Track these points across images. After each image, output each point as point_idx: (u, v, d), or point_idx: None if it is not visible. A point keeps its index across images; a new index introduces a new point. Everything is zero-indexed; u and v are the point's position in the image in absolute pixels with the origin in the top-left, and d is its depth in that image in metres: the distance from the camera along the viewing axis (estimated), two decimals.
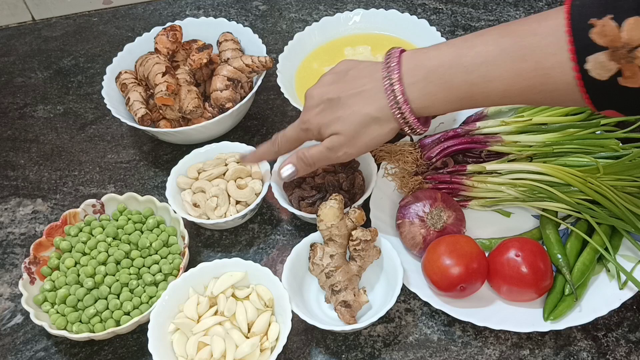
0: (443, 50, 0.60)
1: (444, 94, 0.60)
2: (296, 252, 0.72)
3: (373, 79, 0.63)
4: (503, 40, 0.56)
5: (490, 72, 0.57)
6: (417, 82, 0.60)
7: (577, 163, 0.75)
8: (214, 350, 0.65)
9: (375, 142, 0.65)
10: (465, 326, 0.70)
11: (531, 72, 0.55)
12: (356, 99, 0.64)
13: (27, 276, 0.75)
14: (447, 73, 0.59)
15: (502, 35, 0.57)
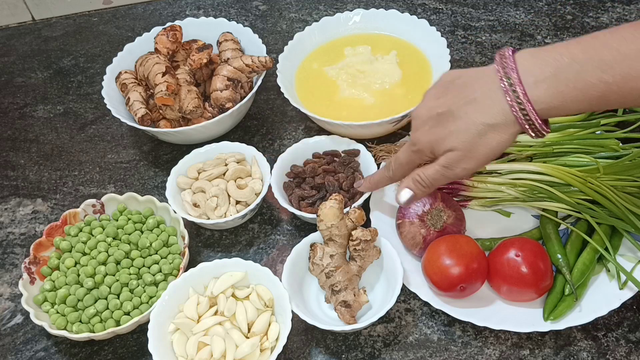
0: (572, 48, 0.55)
1: (575, 94, 0.54)
2: (296, 252, 0.72)
3: (485, 83, 0.58)
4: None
5: (632, 70, 0.52)
6: (544, 81, 0.55)
7: (577, 163, 0.75)
8: (214, 350, 0.65)
9: (495, 153, 0.59)
10: (465, 326, 0.70)
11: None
12: (469, 107, 0.58)
13: (27, 276, 0.75)
14: (582, 71, 0.53)
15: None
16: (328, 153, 0.84)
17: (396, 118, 0.81)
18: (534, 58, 0.56)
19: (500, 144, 0.58)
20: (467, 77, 0.60)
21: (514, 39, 1.02)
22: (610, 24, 1.02)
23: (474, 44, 1.03)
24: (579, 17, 1.04)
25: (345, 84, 0.90)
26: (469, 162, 0.60)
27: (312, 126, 0.93)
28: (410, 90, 0.88)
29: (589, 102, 0.55)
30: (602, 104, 0.56)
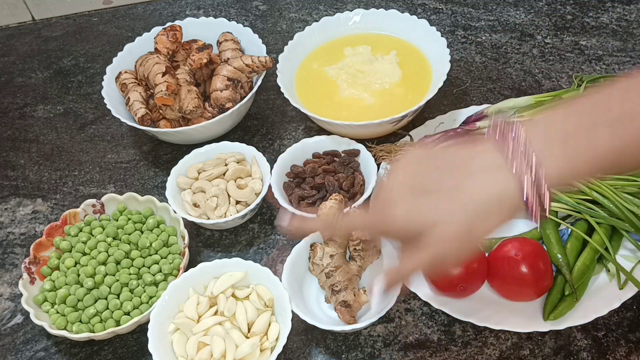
0: (574, 109, 0.50)
1: (587, 158, 0.49)
2: (296, 252, 0.72)
3: (483, 156, 0.51)
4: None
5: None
6: (553, 149, 0.49)
7: None
8: (214, 350, 0.65)
9: (491, 233, 0.52)
10: (465, 326, 0.70)
11: None
12: (467, 182, 0.51)
13: (27, 276, 0.75)
14: (592, 131, 0.48)
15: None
16: (328, 153, 0.84)
17: (396, 118, 0.81)
18: (540, 124, 0.51)
19: (498, 224, 0.51)
20: (457, 150, 0.53)
21: (514, 38, 1.02)
22: (610, 24, 1.02)
23: (474, 44, 1.03)
24: (579, 17, 1.04)
25: (345, 84, 0.90)
26: (464, 244, 0.52)
27: (312, 126, 0.93)
28: (410, 90, 0.88)
29: (601, 166, 0.50)
30: (614, 168, 0.51)
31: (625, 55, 0.97)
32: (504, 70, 0.98)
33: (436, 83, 0.84)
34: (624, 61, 0.96)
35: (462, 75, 0.98)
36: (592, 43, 1.00)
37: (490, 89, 0.95)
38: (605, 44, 0.99)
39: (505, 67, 0.98)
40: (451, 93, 0.95)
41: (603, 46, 0.99)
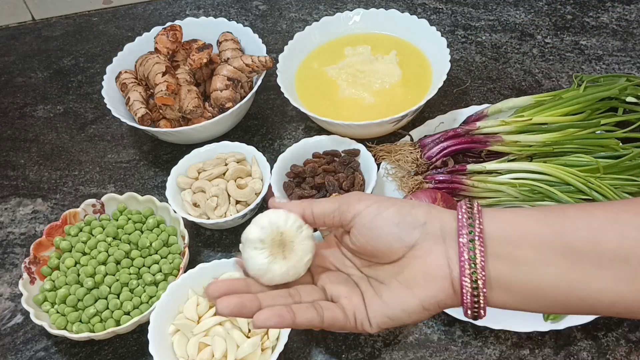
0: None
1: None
2: None
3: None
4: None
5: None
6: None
7: (577, 163, 0.75)
8: (215, 350, 0.65)
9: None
10: (465, 326, 0.70)
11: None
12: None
13: (27, 276, 0.75)
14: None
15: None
16: (328, 153, 0.84)
17: (396, 118, 0.81)
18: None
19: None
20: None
21: (514, 38, 1.02)
22: (610, 24, 1.02)
23: (474, 43, 1.03)
24: (579, 17, 1.04)
25: (345, 83, 0.90)
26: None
27: (312, 126, 0.93)
28: (410, 90, 0.88)
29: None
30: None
31: (625, 55, 0.97)
32: (504, 70, 0.98)
33: (436, 83, 0.84)
34: (624, 61, 0.96)
35: (462, 75, 0.98)
36: (592, 43, 1.00)
37: (490, 89, 0.95)
38: (605, 43, 0.99)
39: (505, 67, 0.98)
40: (451, 93, 0.95)
41: (603, 46, 0.99)
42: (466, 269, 0.45)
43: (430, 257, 0.46)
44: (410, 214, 0.47)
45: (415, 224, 0.46)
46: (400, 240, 0.46)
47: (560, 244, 0.43)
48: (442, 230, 0.46)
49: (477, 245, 0.44)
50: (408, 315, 0.47)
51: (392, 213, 0.47)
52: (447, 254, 0.46)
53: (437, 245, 0.46)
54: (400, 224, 0.46)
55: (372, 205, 0.48)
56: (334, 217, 0.49)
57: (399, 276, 0.47)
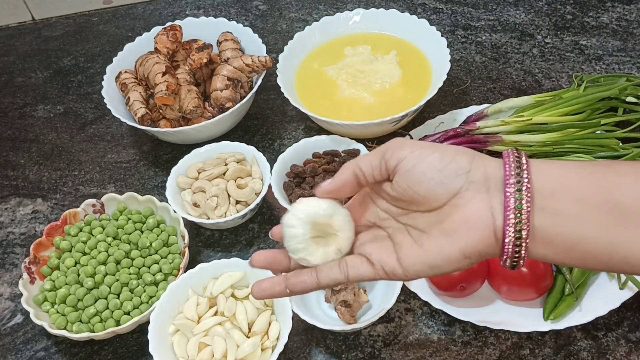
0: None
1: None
2: None
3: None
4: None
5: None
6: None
7: None
8: (215, 350, 0.65)
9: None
10: (465, 326, 0.70)
11: None
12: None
13: (27, 276, 0.75)
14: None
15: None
16: (328, 153, 0.84)
17: (396, 118, 0.81)
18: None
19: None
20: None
21: (514, 38, 1.02)
22: (610, 24, 1.02)
23: (474, 43, 1.03)
24: (579, 17, 1.04)
25: (345, 83, 0.90)
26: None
27: (312, 126, 0.93)
28: (410, 90, 0.88)
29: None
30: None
31: (625, 55, 0.97)
32: (504, 70, 0.98)
33: (436, 83, 0.84)
34: (624, 61, 0.96)
35: (462, 75, 0.98)
36: (592, 43, 1.00)
37: (490, 89, 0.95)
38: (605, 43, 0.99)
39: (505, 67, 0.98)
40: (451, 93, 0.95)
41: (603, 46, 0.99)
42: (511, 219, 0.44)
43: (473, 205, 0.45)
44: (454, 160, 0.46)
45: (459, 171, 0.46)
46: (442, 186, 0.46)
47: (606, 200, 0.43)
48: (486, 178, 0.46)
49: (525, 196, 0.44)
50: (449, 263, 0.47)
51: (435, 159, 0.46)
52: (490, 202, 0.45)
53: (480, 194, 0.45)
54: (443, 171, 0.46)
55: (415, 150, 0.47)
56: (381, 167, 0.48)
57: (440, 224, 0.47)
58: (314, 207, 0.49)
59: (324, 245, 0.49)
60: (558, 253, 0.45)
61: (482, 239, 0.45)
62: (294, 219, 0.49)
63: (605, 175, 0.44)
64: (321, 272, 0.49)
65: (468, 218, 0.45)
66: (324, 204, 0.49)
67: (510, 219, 0.44)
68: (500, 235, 0.45)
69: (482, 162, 0.46)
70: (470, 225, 0.45)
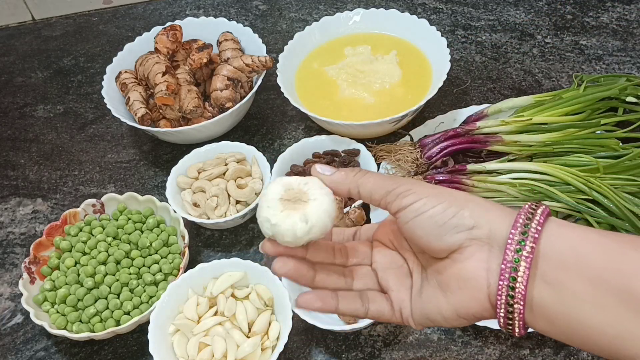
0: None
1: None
2: None
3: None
4: None
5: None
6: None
7: (578, 163, 0.75)
8: (215, 350, 0.65)
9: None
10: (465, 326, 0.70)
11: None
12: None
13: (27, 276, 0.75)
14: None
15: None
16: (328, 153, 0.84)
17: (396, 118, 0.81)
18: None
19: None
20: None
21: (514, 38, 1.02)
22: (610, 24, 1.02)
23: (474, 43, 1.03)
24: (579, 17, 1.04)
25: (345, 83, 0.90)
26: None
27: (312, 126, 0.93)
28: (410, 90, 0.88)
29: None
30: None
31: (625, 55, 0.97)
32: (504, 70, 0.98)
33: (436, 83, 0.84)
34: (624, 61, 0.96)
35: (462, 75, 0.98)
36: (592, 43, 1.00)
37: (490, 89, 0.95)
38: (606, 43, 0.99)
39: (505, 67, 0.98)
40: (451, 93, 0.95)
41: (603, 46, 0.99)
42: (503, 290, 0.40)
43: (470, 263, 0.42)
44: (457, 215, 0.42)
45: (460, 227, 0.42)
46: (440, 241, 0.43)
47: (623, 288, 0.37)
48: (490, 237, 0.42)
49: (522, 267, 0.40)
50: (444, 320, 0.44)
51: (437, 212, 0.43)
52: (488, 264, 0.42)
53: (480, 253, 0.42)
54: (444, 226, 0.42)
55: (420, 199, 0.43)
56: (380, 204, 0.45)
57: (438, 275, 0.44)
58: (270, 186, 0.47)
59: (292, 212, 0.45)
60: (558, 332, 0.41)
61: (475, 301, 0.42)
62: (260, 207, 0.47)
63: (628, 257, 0.38)
64: (343, 300, 0.47)
65: (463, 277, 0.43)
66: (279, 179, 0.47)
67: (502, 290, 0.40)
68: (493, 302, 0.42)
69: (489, 217, 0.42)
70: (464, 285, 0.43)
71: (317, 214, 0.45)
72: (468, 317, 0.43)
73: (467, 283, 0.42)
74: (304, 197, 0.46)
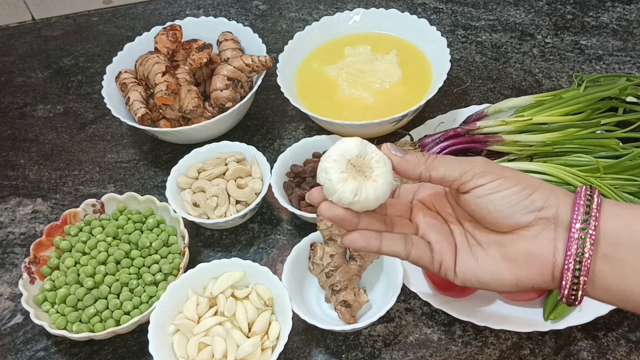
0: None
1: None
2: (296, 252, 0.72)
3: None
4: None
5: None
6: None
7: (578, 162, 0.75)
8: (215, 350, 0.65)
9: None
10: (465, 326, 0.70)
11: None
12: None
13: (27, 276, 0.75)
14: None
15: None
16: None
17: (396, 118, 0.81)
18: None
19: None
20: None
21: (514, 38, 1.02)
22: (610, 24, 1.02)
23: (474, 43, 1.03)
24: (579, 17, 1.04)
25: (346, 83, 0.90)
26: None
27: (312, 126, 0.93)
28: (410, 90, 0.88)
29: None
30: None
31: (625, 55, 0.97)
32: (504, 69, 0.98)
33: (436, 83, 0.84)
34: (624, 61, 0.96)
35: (462, 75, 0.98)
36: (592, 43, 1.00)
37: (490, 89, 0.95)
38: (606, 43, 0.99)
39: (506, 67, 0.98)
40: (451, 93, 0.95)
41: (603, 46, 0.99)
42: (570, 264, 0.45)
43: (539, 241, 0.46)
44: (529, 198, 0.46)
45: (531, 208, 0.46)
46: (510, 219, 0.46)
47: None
48: (557, 217, 0.46)
49: (588, 243, 0.44)
50: (498, 285, 0.48)
51: (511, 194, 0.46)
52: (555, 242, 0.46)
53: (547, 231, 0.46)
54: (515, 207, 0.46)
55: (495, 181, 0.47)
56: (452, 185, 0.48)
57: (501, 248, 0.47)
58: (348, 143, 0.48)
59: (355, 180, 0.47)
60: (617, 300, 0.46)
61: (540, 274, 0.46)
62: (328, 155, 0.48)
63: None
64: (386, 240, 0.49)
65: (531, 252, 0.46)
66: (359, 142, 0.48)
67: (569, 264, 0.45)
68: (558, 276, 0.46)
69: (557, 200, 0.46)
70: (531, 260, 0.46)
71: (368, 195, 0.47)
72: (527, 287, 0.47)
73: (535, 259, 0.46)
74: (368, 172, 0.47)
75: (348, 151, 0.48)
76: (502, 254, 0.47)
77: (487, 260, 0.48)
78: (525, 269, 0.46)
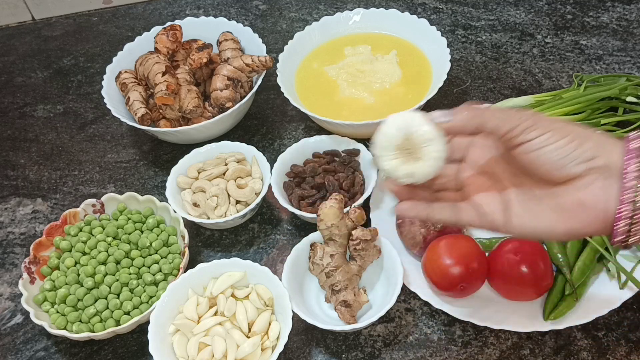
0: None
1: None
2: (296, 252, 0.72)
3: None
4: None
5: None
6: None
7: None
8: (215, 350, 0.65)
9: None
10: (465, 326, 0.70)
11: None
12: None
13: (27, 276, 0.75)
14: None
15: None
16: (328, 153, 0.84)
17: None
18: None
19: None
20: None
21: (514, 38, 1.02)
22: (611, 24, 1.02)
23: (474, 43, 1.03)
24: (579, 17, 1.04)
25: (346, 83, 0.90)
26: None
27: (312, 126, 0.93)
28: (410, 89, 0.88)
29: None
30: None
31: (625, 55, 0.97)
32: (504, 69, 0.98)
33: (436, 83, 0.84)
34: (624, 61, 0.96)
35: (462, 75, 0.98)
36: (592, 43, 1.00)
37: (490, 89, 0.95)
38: (606, 43, 0.99)
39: (506, 67, 0.98)
40: (451, 93, 0.95)
41: (603, 46, 0.99)
42: (624, 212, 0.45)
43: (591, 191, 0.46)
44: (580, 147, 0.46)
45: (581, 159, 0.46)
46: (561, 171, 0.47)
47: None
48: (608, 165, 0.46)
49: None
50: (551, 235, 0.49)
51: (560, 146, 0.47)
52: (607, 190, 0.46)
53: (598, 181, 0.46)
54: (567, 157, 0.47)
55: (544, 134, 0.47)
56: (503, 137, 0.49)
57: (554, 199, 0.48)
58: (391, 127, 0.51)
59: (406, 164, 0.51)
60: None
61: (592, 224, 0.47)
62: (378, 143, 0.51)
63: None
64: (435, 209, 0.52)
65: (584, 202, 0.47)
66: (402, 124, 0.50)
67: (623, 212, 0.45)
68: (610, 223, 0.46)
69: (607, 149, 0.47)
70: (584, 209, 0.47)
71: (420, 174, 0.52)
72: (579, 236, 0.49)
73: (589, 208, 0.47)
74: (417, 152, 0.51)
75: (393, 136, 0.51)
76: (555, 205, 0.48)
77: (542, 212, 0.49)
78: (578, 220, 0.47)
